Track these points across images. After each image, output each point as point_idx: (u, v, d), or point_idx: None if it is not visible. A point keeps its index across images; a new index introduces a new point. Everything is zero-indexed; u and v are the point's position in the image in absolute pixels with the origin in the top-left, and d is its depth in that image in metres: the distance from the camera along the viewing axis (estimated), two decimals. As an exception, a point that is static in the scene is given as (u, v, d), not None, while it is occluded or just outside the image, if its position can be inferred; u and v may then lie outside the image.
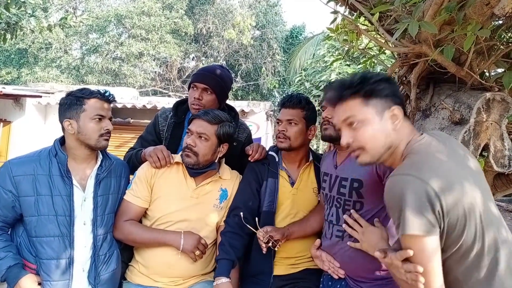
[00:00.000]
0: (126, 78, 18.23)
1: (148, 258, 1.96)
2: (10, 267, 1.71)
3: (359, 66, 7.65)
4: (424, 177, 1.17)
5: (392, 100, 1.33)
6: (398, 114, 1.32)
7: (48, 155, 1.83)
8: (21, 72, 18.18)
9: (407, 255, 1.20)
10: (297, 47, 15.70)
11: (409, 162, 1.25)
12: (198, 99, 2.21)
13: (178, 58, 19.16)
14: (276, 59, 20.39)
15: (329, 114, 1.85)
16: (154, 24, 17.77)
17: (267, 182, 2.08)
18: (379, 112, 1.31)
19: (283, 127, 2.06)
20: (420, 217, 1.14)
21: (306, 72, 9.77)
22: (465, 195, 1.18)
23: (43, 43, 18.22)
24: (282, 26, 22.09)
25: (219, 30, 19.39)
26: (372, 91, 1.32)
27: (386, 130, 1.31)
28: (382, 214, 1.70)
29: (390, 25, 2.12)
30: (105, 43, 18.44)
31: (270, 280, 1.99)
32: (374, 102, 1.32)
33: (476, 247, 1.20)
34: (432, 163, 1.22)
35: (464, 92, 1.99)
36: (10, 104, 10.04)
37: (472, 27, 1.71)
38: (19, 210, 1.78)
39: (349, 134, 1.35)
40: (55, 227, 1.76)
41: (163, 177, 2.01)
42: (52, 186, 1.78)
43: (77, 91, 1.87)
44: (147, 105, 9.53)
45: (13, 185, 1.75)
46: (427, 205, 1.15)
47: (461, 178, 1.21)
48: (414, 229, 1.15)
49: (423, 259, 1.17)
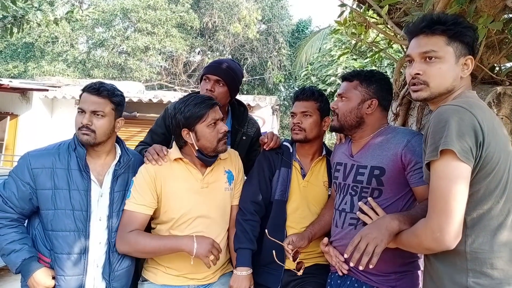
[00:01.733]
0: (132, 72, 18.25)
1: (174, 260, 1.88)
2: (25, 260, 1.71)
3: (365, 60, 7.59)
4: (474, 112, 1.21)
5: (470, 49, 1.36)
6: (470, 64, 1.36)
7: (67, 149, 1.82)
8: (28, 66, 18.26)
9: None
10: (303, 41, 15.60)
11: (462, 100, 1.30)
12: (210, 91, 2.20)
13: (183, 52, 19.13)
14: (282, 53, 20.30)
15: (334, 105, 1.86)
16: (160, 18, 17.74)
17: (280, 171, 2.08)
18: (457, 56, 1.35)
19: (298, 119, 2.07)
20: (462, 141, 1.17)
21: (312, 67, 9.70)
22: (504, 143, 1.25)
23: (50, 37, 18.27)
24: (288, 20, 21.97)
25: (224, 24, 19.32)
26: (459, 34, 1.34)
27: (456, 74, 1.35)
28: (401, 203, 1.68)
29: (400, 18, 2.10)
30: (111, 37, 18.44)
31: (282, 269, 1.98)
32: (456, 45, 1.35)
33: (495, 194, 1.22)
34: (482, 107, 1.28)
35: (474, 86, 1.96)
36: (17, 97, 10.10)
37: (484, 20, 1.69)
38: (36, 203, 1.78)
39: (421, 66, 1.37)
40: (71, 222, 1.76)
41: (167, 177, 1.91)
42: (70, 180, 1.78)
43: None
44: (153, 99, 9.55)
45: (31, 177, 1.75)
46: (471, 134, 1.18)
47: (502, 132, 1.29)
48: (454, 147, 1.16)
49: (451, 181, 1.17)
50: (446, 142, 1.17)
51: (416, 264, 1.71)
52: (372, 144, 1.78)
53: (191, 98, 1.90)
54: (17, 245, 1.73)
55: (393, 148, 1.69)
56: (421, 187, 1.58)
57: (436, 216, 1.20)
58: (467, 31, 1.35)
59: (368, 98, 1.80)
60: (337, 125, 1.85)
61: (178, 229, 1.89)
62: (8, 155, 9.88)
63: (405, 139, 1.68)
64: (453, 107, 1.22)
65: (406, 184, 1.66)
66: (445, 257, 1.27)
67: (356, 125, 1.81)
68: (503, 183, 1.22)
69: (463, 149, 1.17)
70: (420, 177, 1.55)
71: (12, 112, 10.18)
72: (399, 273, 1.66)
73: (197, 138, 1.86)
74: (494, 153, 1.20)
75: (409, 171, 1.63)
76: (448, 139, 1.17)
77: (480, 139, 1.18)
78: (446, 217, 1.17)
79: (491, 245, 1.20)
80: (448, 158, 1.18)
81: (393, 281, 1.66)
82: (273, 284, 1.99)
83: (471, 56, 1.35)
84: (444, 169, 1.19)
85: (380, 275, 1.67)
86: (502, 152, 1.23)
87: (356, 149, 1.86)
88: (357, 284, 1.75)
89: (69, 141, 1.85)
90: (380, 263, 1.43)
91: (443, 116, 1.22)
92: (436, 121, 1.23)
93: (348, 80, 1.85)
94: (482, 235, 1.21)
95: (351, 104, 1.80)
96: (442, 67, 1.34)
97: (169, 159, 1.94)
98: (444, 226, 1.17)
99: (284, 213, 2.04)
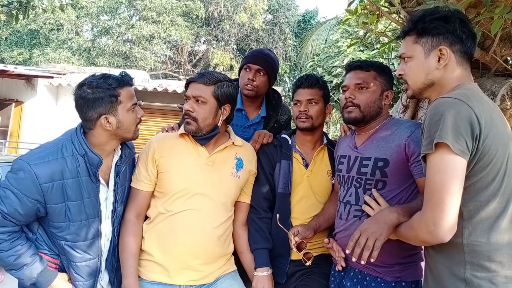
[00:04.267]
0: (137, 60, 18.20)
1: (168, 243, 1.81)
2: (41, 272, 1.62)
3: (373, 52, 7.51)
4: (471, 104, 1.20)
5: (443, 39, 1.36)
6: (446, 54, 1.35)
7: (72, 154, 1.63)
8: (33, 53, 18.24)
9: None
10: (309, 32, 15.50)
11: (459, 92, 1.29)
12: (252, 80, 2.21)
13: (189, 41, 19.03)
14: (288, 44, 20.16)
15: (352, 95, 1.80)
16: (165, 7, 17.63)
17: (281, 164, 2.06)
18: (427, 50, 1.37)
19: (304, 107, 2.03)
20: (458, 134, 1.17)
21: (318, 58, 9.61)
22: (503, 135, 1.24)
23: (55, 24, 18.22)
24: (294, 10, 21.77)
25: (230, 13, 19.18)
26: (424, 29, 1.38)
27: (428, 68, 1.37)
28: (405, 194, 1.67)
29: (413, 7, 2.05)
30: (116, 25, 18.36)
31: (287, 263, 1.98)
32: (424, 40, 1.38)
33: (492, 186, 1.22)
34: (481, 99, 1.27)
35: (487, 78, 1.93)
36: (22, 84, 10.10)
37: (501, 10, 1.64)
38: (42, 214, 1.63)
39: (402, 67, 1.48)
40: (88, 231, 1.69)
41: (170, 150, 1.88)
42: (83, 190, 1.64)
43: (102, 81, 1.66)
44: (158, 88, 9.52)
45: (40, 193, 1.56)
46: (467, 127, 1.18)
47: (502, 124, 1.28)
48: (449, 140, 1.17)
49: (445, 174, 1.18)
50: (440, 136, 1.18)
51: (420, 256, 1.71)
52: (377, 136, 1.78)
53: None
54: (27, 258, 1.59)
55: (397, 139, 1.68)
56: (422, 178, 1.56)
57: (430, 210, 1.21)
58: (433, 24, 1.36)
59: (386, 89, 1.80)
60: (359, 116, 1.78)
61: (174, 205, 1.83)
62: (13, 142, 9.91)
63: (409, 130, 1.68)
64: (450, 100, 1.22)
65: (410, 176, 1.66)
66: (443, 249, 1.28)
67: (375, 116, 1.79)
68: (500, 176, 1.22)
69: (458, 142, 1.17)
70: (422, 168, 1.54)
71: (17, 99, 10.19)
72: (402, 264, 1.66)
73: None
74: (491, 146, 1.20)
75: (412, 162, 1.63)
76: (443, 132, 1.18)
77: (476, 132, 1.18)
78: (440, 211, 1.18)
79: (488, 237, 1.21)
80: (443, 152, 1.19)
81: (396, 272, 1.66)
82: (278, 277, 1.98)
83: (443, 46, 1.35)
84: (439, 163, 1.20)
85: (384, 266, 1.67)
86: (500, 145, 1.22)
87: (360, 141, 1.84)
88: (361, 275, 1.75)
89: (67, 143, 1.65)
90: (383, 254, 1.45)
91: (439, 109, 1.22)
92: (432, 114, 1.24)
93: (364, 69, 1.81)
94: (479, 227, 1.22)
95: (374, 95, 1.78)
96: (412, 65, 1.41)
97: (176, 135, 1.93)
98: (438, 220, 1.18)
99: (288, 205, 2.02)
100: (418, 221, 1.27)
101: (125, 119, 1.69)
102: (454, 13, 1.38)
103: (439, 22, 1.36)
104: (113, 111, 1.65)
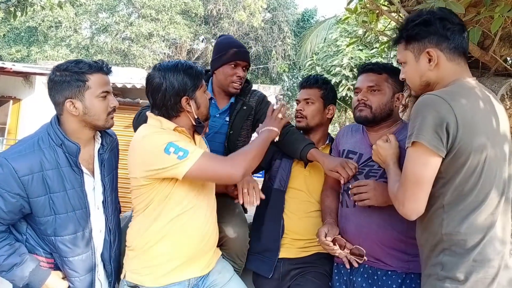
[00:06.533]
0: (135, 58, 18.17)
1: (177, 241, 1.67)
2: (32, 271, 1.58)
3: (372, 51, 7.51)
4: (452, 103, 1.26)
5: (428, 42, 1.40)
6: (433, 55, 1.39)
7: (49, 145, 1.59)
8: (31, 51, 18.20)
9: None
10: (308, 31, 15.45)
11: (448, 89, 1.35)
12: (242, 78, 2.13)
13: (187, 39, 19.02)
14: (287, 43, 20.16)
15: (365, 97, 1.82)
16: (164, 4, 17.60)
17: (281, 161, 2.09)
18: (416, 55, 1.44)
19: (301, 107, 2.10)
20: (433, 132, 1.26)
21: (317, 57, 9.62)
22: (485, 133, 1.28)
23: (53, 21, 18.18)
24: (293, 9, 21.78)
25: (229, 11, 19.16)
26: (409, 36, 1.44)
27: (421, 70, 1.43)
28: None
29: (412, 6, 2.05)
30: (115, 22, 18.33)
31: (275, 258, 1.97)
32: (412, 46, 1.44)
33: (470, 182, 1.29)
34: (469, 97, 1.31)
35: (487, 78, 1.92)
36: (20, 81, 10.06)
37: (501, 9, 1.63)
38: (27, 211, 1.58)
39: (402, 71, 1.55)
40: (76, 223, 1.64)
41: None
42: (65, 180, 1.60)
43: (73, 65, 1.61)
44: (156, 86, 9.47)
45: (21, 187, 1.52)
46: (443, 126, 1.25)
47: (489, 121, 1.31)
48: (424, 139, 1.26)
49: (416, 165, 1.31)
50: (417, 134, 1.28)
51: None
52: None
53: (180, 65, 1.70)
54: (16, 258, 1.56)
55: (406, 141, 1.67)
56: None
57: (401, 193, 1.36)
58: (414, 30, 1.42)
59: (397, 92, 1.82)
60: (370, 116, 1.80)
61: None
62: (10, 139, 9.87)
63: None
64: (432, 98, 1.30)
65: None
66: (429, 238, 1.39)
67: (385, 118, 1.82)
68: (477, 172, 1.28)
69: (433, 139, 1.26)
70: None
71: (15, 96, 10.15)
72: (411, 255, 1.66)
73: (197, 106, 1.73)
74: (469, 144, 1.26)
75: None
76: (419, 131, 1.28)
77: (453, 131, 1.25)
78: (408, 197, 1.34)
79: (463, 228, 1.29)
80: (418, 148, 1.29)
81: (405, 263, 1.67)
82: (265, 272, 1.98)
83: (429, 48, 1.40)
84: (413, 155, 1.32)
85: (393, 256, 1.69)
86: (479, 143, 1.27)
87: (374, 140, 1.82)
88: (371, 270, 1.73)
89: (44, 135, 1.61)
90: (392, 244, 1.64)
91: (420, 106, 1.31)
92: (414, 110, 1.33)
93: (376, 72, 1.83)
94: (457, 219, 1.30)
95: (385, 97, 1.80)
96: (407, 70, 1.48)
97: (169, 129, 1.68)
98: (405, 203, 1.35)
99: (282, 202, 2.03)
100: (394, 198, 1.42)
101: (93, 106, 1.62)
102: (434, 13, 1.42)
103: (420, 27, 1.41)
104: (80, 96, 1.59)
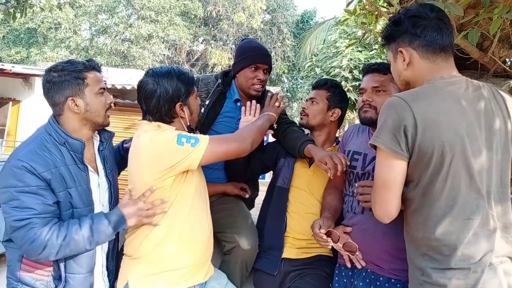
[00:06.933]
0: (135, 60, 18.18)
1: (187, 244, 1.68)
2: (107, 217, 1.58)
3: (371, 52, 7.51)
4: (414, 105, 1.25)
5: (401, 41, 1.41)
6: (404, 54, 1.40)
7: (54, 145, 1.59)
8: (31, 52, 18.21)
9: None
10: (307, 32, 15.49)
11: (412, 90, 1.36)
12: (263, 81, 2.15)
13: (187, 41, 19.04)
14: (286, 44, 20.19)
15: (370, 98, 1.82)
16: (163, 6, 17.62)
17: (286, 160, 2.13)
18: (394, 55, 1.47)
19: (305, 105, 2.15)
20: (391, 135, 1.26)
21: (316, 58, 9.62)
22: (447, 135, 1.24)
23: (53, 23, 18.19)
24: (293, 11, 21.81)
25: (229, 13, 19.19)
26: (385, 37, 1.48)
27: (398, 70, 1.45)
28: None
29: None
30: (114, 24, 18.35)
31: (280, 255, 1.98)
32: (390, 47, 1.48)
33: (437, 186, 1.27)
34: (430, 97, 1.29)
35: (486, 79, 1.92)
36: (19, 83, 10.07)
37: (500, 10, 1.63)
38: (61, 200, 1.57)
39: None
40: None
41: None
42: (75, 177, 1.60)
43: (68, 65, 1.64)
44: (155, 87, 9.48)
45: (45, 183, 1.50)
46: (401, 128, 1.24)
47: (458, 122, 1.26)
48: (381, 143, 1.28)
49: (382, 169, 1.32)
50: (375, 137, 1.30)
51: None
52: None
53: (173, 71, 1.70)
54: (86, 226, 1.53)
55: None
56: None
57: (373, 195, 1.38)
58: (388, 31, 1.46)
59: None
60: (374, 117, 1.77)
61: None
62: (10, 141, 9.88)
63: None
64: (394, 100, 1.30)
65: None
66: (411, 242, 1.40)
67: None
68: (443, 174, 1.26)
69: (389, 142, 1.27)
70: None
71: (14, 97, 10.16)
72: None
73: (190, 112, 1.74)
74: (430, 146, 1.24)
75: None
76: (378, 133, 1.30)
77: (411, 133, 1.24)
78: (378, 199, 1.36)
79: (438, 233, 1.27)
80: (380, 151, 1.32)
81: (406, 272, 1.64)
82: (270, 269, 1.99)
83: (401, 48, 1.41)
84: (378, 158, 1.34)
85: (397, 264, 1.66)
86: (444, 142, 1.24)
87: None
88: (374, 276, 1.71)
89: (45, 136, 1.61)
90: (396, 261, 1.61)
91: (383, 109, 1.32)
92: (380, 112, 1.35)
93: (381, 72, 1.83)
94: (430, 224, 1.29)
95: None
96: (392, 69, 1.51)
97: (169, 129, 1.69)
98: (375, 205, 1.37)
99: (285, 200, 2.05)
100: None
101: (93, 102, 1.65)
102: (407, 12, 1.43)
103: (391, 28, 1.44)
104: (80, 94, 1.63)
